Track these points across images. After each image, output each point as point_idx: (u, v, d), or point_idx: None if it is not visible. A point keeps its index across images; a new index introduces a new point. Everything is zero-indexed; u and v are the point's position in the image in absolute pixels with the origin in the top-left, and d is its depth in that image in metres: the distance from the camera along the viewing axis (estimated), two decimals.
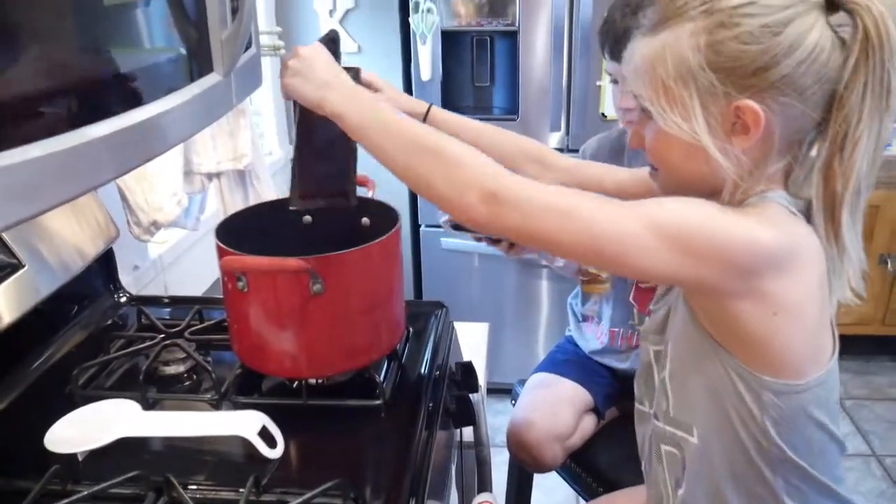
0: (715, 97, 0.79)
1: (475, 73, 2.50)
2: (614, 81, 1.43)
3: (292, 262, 0.96)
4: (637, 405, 1.06)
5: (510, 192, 0.78)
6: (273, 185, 1.96)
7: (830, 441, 0.89)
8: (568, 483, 1.65)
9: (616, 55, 1.37)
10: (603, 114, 2.37)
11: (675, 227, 0.77)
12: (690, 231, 0.77)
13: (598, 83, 2.34)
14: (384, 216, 1.12)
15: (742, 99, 0.78)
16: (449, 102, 2.47)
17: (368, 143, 0.86)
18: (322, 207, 1.08)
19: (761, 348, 0.82)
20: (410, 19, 2.37)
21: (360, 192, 1.24)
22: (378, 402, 1.04)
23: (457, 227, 1.30)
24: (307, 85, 0.88)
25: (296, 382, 1.08)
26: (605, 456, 1.58)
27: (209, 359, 1.17)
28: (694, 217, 0.78)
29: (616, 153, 1.56)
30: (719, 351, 0.85)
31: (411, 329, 1.24)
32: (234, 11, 0.84)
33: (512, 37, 2.38)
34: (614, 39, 1.36)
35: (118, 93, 0.67)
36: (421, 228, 2.66)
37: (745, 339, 0.82)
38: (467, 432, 1.31)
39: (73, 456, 0.92)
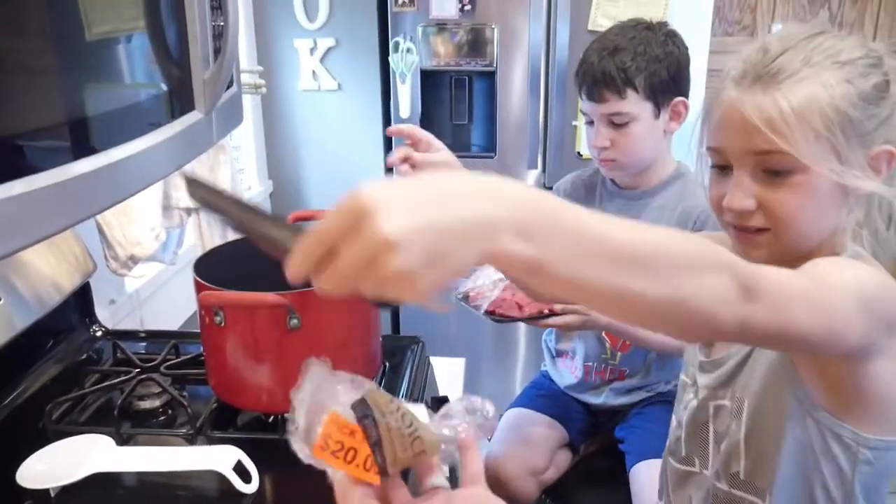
0: (864, 144, 0.80)
1: (454, 111, 2.53)
2: (590, 122, 1.46)
3: (270, 297, 0.97)
4: (677, 465, 1.02)
5: (764, 282, 0.62)
6: None
7: None
8: None
9: (594, 96, 1.40)
10: (579, 152, 2.41)
11: (872, 295, 0.74)
12: (876, 296, 0.75)
13: (573, 123, 2.39)
14: None
15: (882, 145, 0.81)
16: None
17: (573, 288, 0.52)
18: None
19: (882, 406, 0.82)
20: (390, 58, 2.41)
21: None
22: None
23: (499, 319, 1.36)
24: (458, 254, 0.47)
25: (271, 417, 1.09)
26: (579, 491, 1.59)
27: (185, 393, 1.16)
28: (873, 280, 0.76)
29: (590, 191, 1.59)
30: (819, 412, 0.84)
31: (387, 364, 1.25)
32: (217, 52, 0.86)
33: (490, 76, 2.42)
34: (593, 81, 1.40)
35: (101, 130, 0.68)
36: None
37: (867, 398, 0.82)
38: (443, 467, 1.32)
39: (45, 491, 0.91)
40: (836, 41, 0.81)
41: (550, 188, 1.73)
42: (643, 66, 1.37)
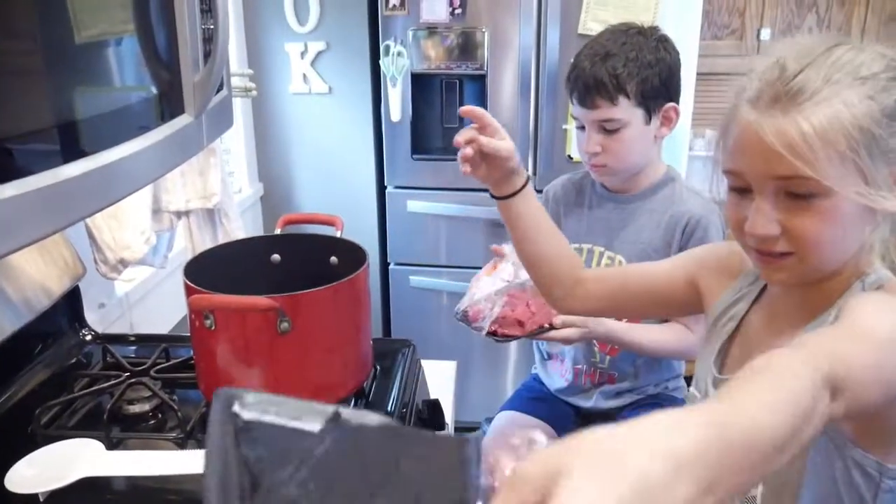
0: (889, 161, 0.78)
1: (444, 114, 2.53)
2: (581, 127, 1.46)
3: (260, 300, 0.97)
4: None
5: (845, 377, 0.61)
6: (242, 223, 1.97)
7: None
8: None
9: (586, 102, 1.40)
10: (569, 156, 2.42)
11: None
12: None
13: (564, 126, 2.39)
14: (352, 255, 1.14)
15: None
16: (418, 144, 2.50)
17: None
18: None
19: None
20: (381, 62, 2.41)
21: (329, 230, 1.26)
22: None
23: (501, 339, 1.39)
24: None
25: None
26: None
27: (175, 397, 1.16)
28: None
29: (580, 195, 1.60)
30: (845, 444, 0.82)
31: (378, 367, 1.25)
32: (207, 55, 0.86)
33: (480, 80, 2.43)
34: (585, 87, 1.39)
35: (90, 133, 0.68)
36: (390, 266, 2.67)
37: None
38: None
39: (34, 496, 0.91)
40: (854, 54, 0.78)
41: (540, 191, 1.74)
42: (635, 72, 1.37)
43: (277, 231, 1.28)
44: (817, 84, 0.76)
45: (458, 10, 2.33)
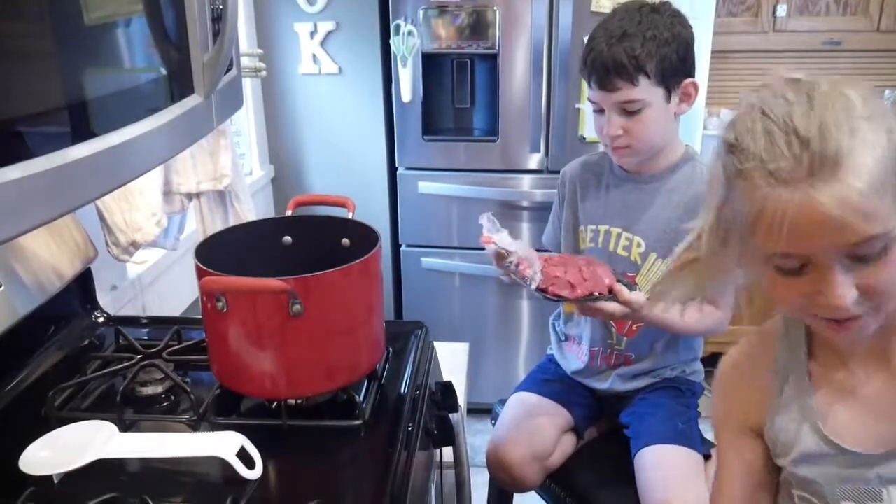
0: None
1: (455, 95, 2.51)
2: (599, 111, 1.44)
3: (272, 282, 0.96)
4: None
5: None
6: (253, 205, 1.97)
7: None
8: (547, 503, 1.65)
9: (605, 85, 1.37)
10: (582, 136, 2.40)
11: None
12: None
13: (577, 106, 2.37)
14: (364, 237, 1.13)
15: None
16: (429, 124, 2.49)
17: None
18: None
19: None
20: (391, 42, 2.39)
21: (341, 212, 1.25)
22: (357, 422, 1.04)
23: (550, 297, 1.35)
24: None
25: (275, 403, 1.08)
26: (584, 476, 1.59)
27: (187, 379, 1.16)
28: None
29: (597, 176, 1.58)
30: None
31: (391, 349, 1.25)
32: (216, 35, 0.85)
33: (492, 59, 2.40)
34: (603, 69, 1.36)
35: (99, 114, 0.67)
36: (401, 248, 2.66)
37: None
38: (447, 452, 1.32)
39: (48, 478, 0.91)
40: (839, 94, 0.74)
41: (556, 172, 1.72)
42: (653, 51, 1.34)
43: (288, 213, 1.28)
44: (846, 140, 0.71)
45: None
